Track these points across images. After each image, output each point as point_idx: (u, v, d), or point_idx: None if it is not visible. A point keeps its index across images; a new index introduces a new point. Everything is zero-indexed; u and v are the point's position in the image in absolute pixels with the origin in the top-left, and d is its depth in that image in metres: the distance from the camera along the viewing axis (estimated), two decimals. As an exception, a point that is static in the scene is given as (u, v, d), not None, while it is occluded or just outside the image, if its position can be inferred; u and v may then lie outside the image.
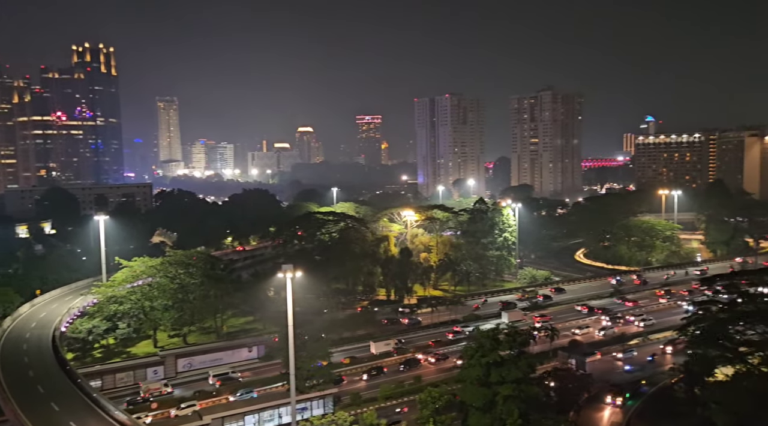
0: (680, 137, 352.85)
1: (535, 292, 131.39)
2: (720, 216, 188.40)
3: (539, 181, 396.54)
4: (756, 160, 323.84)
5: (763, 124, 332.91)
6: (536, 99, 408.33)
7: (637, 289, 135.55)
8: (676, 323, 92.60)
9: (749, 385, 56.26)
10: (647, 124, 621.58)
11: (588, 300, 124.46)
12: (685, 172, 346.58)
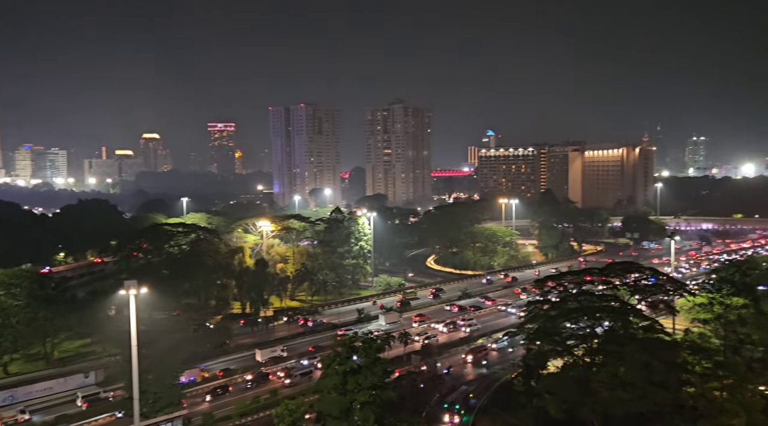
0: (516, 151, 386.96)
1: (415, 293, 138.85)
2: (550, 222, 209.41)
3: (392, 191, 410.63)
4: (578, 172, 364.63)
5: (583, 140, 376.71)
6: (389, 111, 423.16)
7: (505, 287, 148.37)
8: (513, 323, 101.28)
9: (575, 375, 62.81)
10: (488, 138, 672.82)
11: (457, 300, 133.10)
12: (521, 182, 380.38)
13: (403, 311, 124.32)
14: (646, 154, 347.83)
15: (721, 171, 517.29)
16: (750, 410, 52.32)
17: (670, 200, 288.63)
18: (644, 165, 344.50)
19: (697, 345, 67.91)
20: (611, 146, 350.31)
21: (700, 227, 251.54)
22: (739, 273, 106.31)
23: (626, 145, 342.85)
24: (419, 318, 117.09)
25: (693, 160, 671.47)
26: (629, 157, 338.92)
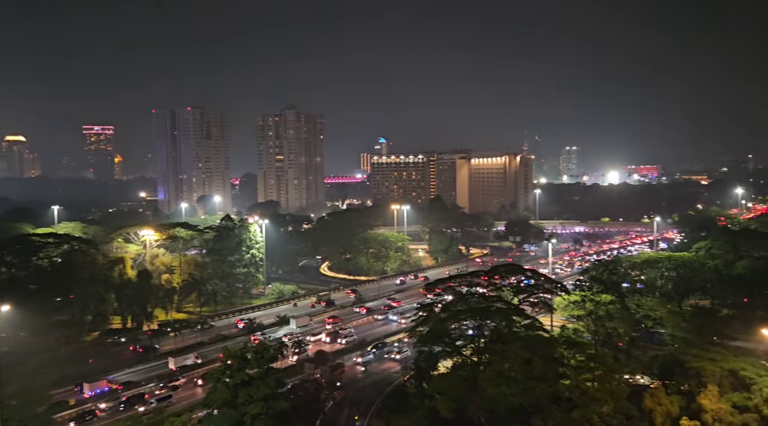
0: (407, 158, 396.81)
1: (329, 295, 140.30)
2: (439, 227, 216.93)
3: (285, 197, 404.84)
4: (465, 179, 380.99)
5: (469, 148, 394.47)
6: (281, 117, 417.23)
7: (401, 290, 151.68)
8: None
9: (464, 374, 65.34)
10: (380, 145, 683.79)
11: (369, 301, 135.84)
12: (412, 188, 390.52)
13: (314, 314, 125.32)
14: (526, 162, 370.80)
15: (591, 178, 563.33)
16: (617, 398, 57.16)
17: (547, 205, 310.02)
18: (524, 172, 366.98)
19: (572, 340, 73.12)
20: (495, 154, 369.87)
21: (573, 230, 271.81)
22: (607, 272, 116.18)
23: (508, 154, 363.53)
24: (332, 320, 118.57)
25: (567, 168, 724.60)
26: (511, 165, 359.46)
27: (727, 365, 69.35)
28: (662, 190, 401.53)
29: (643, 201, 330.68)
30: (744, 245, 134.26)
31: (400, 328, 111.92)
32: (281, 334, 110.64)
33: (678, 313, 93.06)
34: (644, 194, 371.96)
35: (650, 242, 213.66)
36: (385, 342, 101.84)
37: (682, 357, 75.30)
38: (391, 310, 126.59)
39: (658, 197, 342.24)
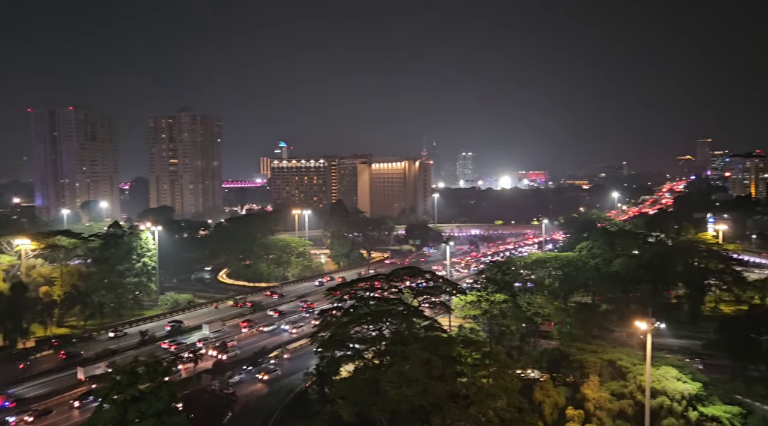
0: (309, 162, 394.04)
1: (245, 298, 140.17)
2: (341, 232, 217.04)
3: (180, 203, 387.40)
4: (366, 183, 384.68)
5: (370, 153, 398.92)
6: (175, 119, 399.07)
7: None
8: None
9: (366, 377, 65.81)
10: (281, 149, 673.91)
11: (281, 304, 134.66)
12: (314, 193, 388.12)
13: (227, 318, 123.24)
14: (425, 168, 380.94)
15: (485, 183, 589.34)
16: (510, 392, 60.05)
17: (445, 209, 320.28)
18: (423, 177, 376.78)
19: (469, 339, 75.97)
20: (395, 159, 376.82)
21: (470, 233, 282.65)
22: (500, 272, 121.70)
23: (408, 159, 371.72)
24: (247, 323, 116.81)
25: (463, 173, 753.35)
26: (411, 170, 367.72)
27: (606, 356, 75.05)
28: (549, 194, 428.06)
29: (532, 204, 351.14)
30: (620, 245, 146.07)
31: (291, 338, 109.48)
32: (195, 339, 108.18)
33: (564, 310, 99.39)
34: (533, 198, 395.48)
35: (539, 243, 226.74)
36: (262, 360, 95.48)
37: (568, 350, 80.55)
38: (281, 319, 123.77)
39: (545, 201, 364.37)
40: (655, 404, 65.34)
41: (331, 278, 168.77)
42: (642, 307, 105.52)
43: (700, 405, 66.36)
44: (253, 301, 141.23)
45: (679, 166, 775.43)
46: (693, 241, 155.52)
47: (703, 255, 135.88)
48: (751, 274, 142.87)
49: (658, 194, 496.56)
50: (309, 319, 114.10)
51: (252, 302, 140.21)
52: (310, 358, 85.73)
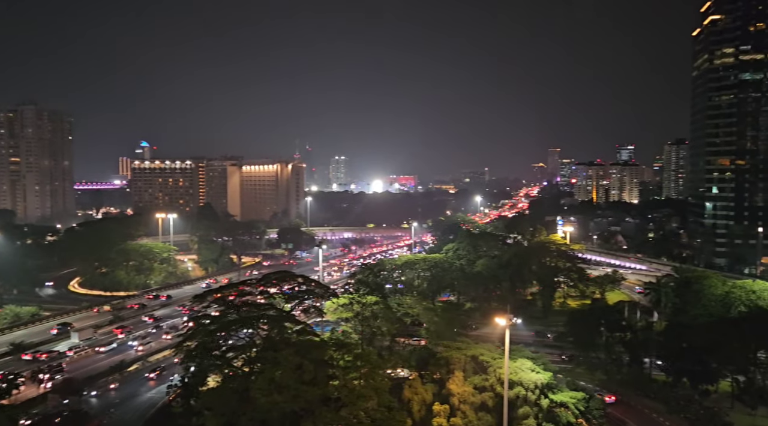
0: (174, 163, 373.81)
1: (124, 303, 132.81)
2: (209, 236, 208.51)
3: (23, 206, 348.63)
4: (237, 186, 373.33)
5: (241, 155, 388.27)
6: (17, 113, 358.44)
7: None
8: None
9: (235, 386, 63.55)
10: (143, 149, 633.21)
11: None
12: (180, 196, 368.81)
13: (100, 325, 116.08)
14: (297, 171, 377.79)
15: (358, 187, 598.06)
16: (380, 392, 61.18)
17: (318, 212, 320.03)
18: (296, 180, 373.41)
19: (341, 341, 76.27)
20: (267, 162, 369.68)
21: (342, 236, 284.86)
22: (372, 275, 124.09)
23: (280, 162, 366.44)
24: (121, 330, 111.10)
25: (336, 177, 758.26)
26: (283, 173, 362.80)
27: (470, 352, 79.26)
28: (418, 198, 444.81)
29: (403, 208, 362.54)
30: (482, 246, 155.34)
31: (137, 356, 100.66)
32: (63, 348, 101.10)
33: (432, 309, 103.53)
34: (404, 202, 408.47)
35: (409, 246, 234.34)
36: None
37: (435, 348, 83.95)
38: (130, 335, 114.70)
39: (415, 204, 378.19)
40: (512, 394, 70.16)
41: (216, 281, 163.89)
42: (502, 304, 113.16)
43: (551, 393, 72.36)
44: (141, 303, 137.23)
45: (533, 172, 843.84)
46: (545, 242, 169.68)
47: (553, 255, 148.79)
48: (593, 271, 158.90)
49: (515, 198, 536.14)
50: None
51: (139, 304, 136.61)
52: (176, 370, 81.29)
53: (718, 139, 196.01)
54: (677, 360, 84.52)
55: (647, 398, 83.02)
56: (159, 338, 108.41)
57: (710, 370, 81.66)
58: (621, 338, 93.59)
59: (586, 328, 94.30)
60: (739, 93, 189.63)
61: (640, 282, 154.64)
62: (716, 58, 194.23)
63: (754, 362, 78.21)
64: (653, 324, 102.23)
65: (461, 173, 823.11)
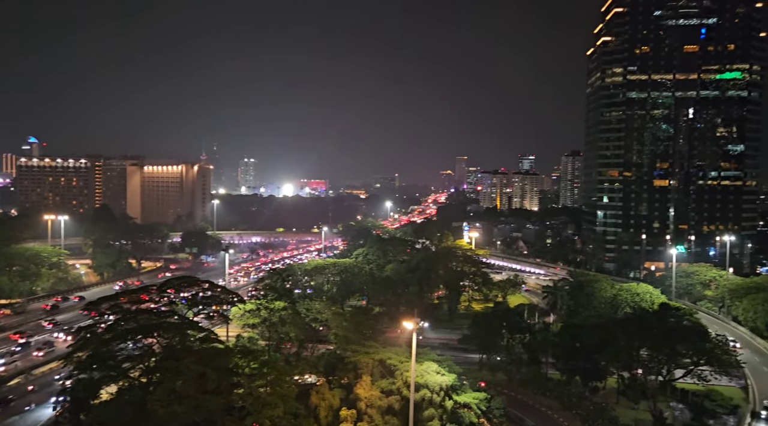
0: (66, 162, 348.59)
1: (24, 305, 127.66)
2: (106, 240, 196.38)
3: None
4: (137, 187, 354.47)
5: (142, 155, 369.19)
6: None
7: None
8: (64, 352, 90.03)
9: (131, 398, 60.18)
10: (30, 145, 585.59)
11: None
12: (73, 196, 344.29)
13: None
14: (204, 172, 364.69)
15: (267, 190, 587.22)
16: (286, 399, 60.19)
17: (225, 215, 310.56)
18: (202, 182, 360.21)
19: (247, 348, 74.49)
20: (171, 162, 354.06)
21: (251, 240, 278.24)
22: (280, 280, 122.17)
23: (186, 163, 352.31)
24: (18, 336, 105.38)
25: (245, 179, 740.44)
26: (188, 174, 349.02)
27: (378, 356, 79.83)
28: (329, 202, 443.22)
29: (313, 212, 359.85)
30: (392, 251, 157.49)
31: (18, 369, 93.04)
32: None
33: (341, 314, 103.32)
34: (315, 206, 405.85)
35: (319, 250, 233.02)
36: None
37: (344, 353, 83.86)
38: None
39: (326, 209, 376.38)
40: (418, 397, 71.41)
41: (125, 283, 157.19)
42: (409, 308, 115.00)
43: (455, 394, 74.40)
44: (53, 304, 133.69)
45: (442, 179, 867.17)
46: (452, 247, 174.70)
47: (459, 259, 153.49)
48: (496, 275, 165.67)
49: (424, 204, 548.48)
50: None
51: (82, 299, 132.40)
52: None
53: (609, 151, 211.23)
54: (570, 359, 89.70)
55: (544, 396, 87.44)
56: (33, 354, 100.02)
57: (599, 368, 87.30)
58: (521, 339, 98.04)
59: (488, 330, 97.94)
60: (626, 110, 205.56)
61: (539, 285, 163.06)
62: (607, 77, 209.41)
63: (637, 360, 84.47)
64: (550, 325, 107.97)
65: (372, 179, 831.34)
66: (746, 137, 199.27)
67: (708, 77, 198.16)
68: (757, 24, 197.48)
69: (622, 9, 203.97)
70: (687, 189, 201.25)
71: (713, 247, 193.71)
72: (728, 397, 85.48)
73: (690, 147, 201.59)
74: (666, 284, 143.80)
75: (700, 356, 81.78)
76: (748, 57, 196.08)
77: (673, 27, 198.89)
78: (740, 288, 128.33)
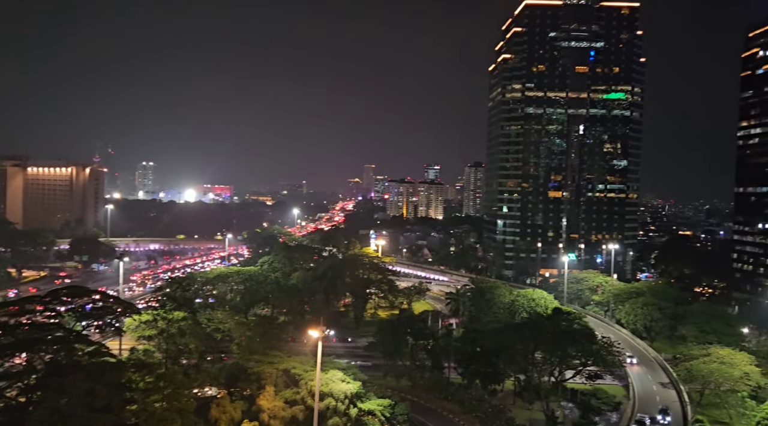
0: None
1: None
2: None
3: None
4: (19, 190, 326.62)
5: (24, 154, 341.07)
6: None
7: None
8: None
9: (7, 420, 55.09)
10: None
11: None
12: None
13: None
14: (97, 175, 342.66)
15: (168, 195, 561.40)
16: (184, 414, 57.65)
17: (121, 222, 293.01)
18: (95, 186, 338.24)
19: (142, 361, 70.44)
20: (59, 164, 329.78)
21: (148, 248, 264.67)
22: (180, 289, 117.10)
23: (76, 165, 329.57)
24: None
25: (143, 183, 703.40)
26: (79, 177, 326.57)
27: (282, 366, 78.51)
28: (234, 209, 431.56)
29: (217, 219, 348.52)
30: (298, 259, 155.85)
31: None
32: None
33: (244, 324, 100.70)
34: (218, 212, 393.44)
35: (223, 258, 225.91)
36: None
37: (246, 364, 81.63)
38: None
39: (230, 215, 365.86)
40: (323, 406, 70.90)
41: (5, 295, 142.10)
42: (316, 317, 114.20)
43: (359, 402, 74.60)
44: None
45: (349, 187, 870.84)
46: (359, 254, 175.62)
47: (366, 267, 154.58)
48: (402, 282, 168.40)
49: (332, 212, 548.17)
50: None
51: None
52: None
53: (508, 163, 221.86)
54: (471, 363, 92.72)
55: (446, 400, 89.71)
56: None
57: (498, 371, 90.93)
58: (425, 345, 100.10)
59: (394, 337, 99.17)
60: (525, 124, 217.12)
61: (442, 292, 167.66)
62: (507, 92, 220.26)
63: (532, 362, 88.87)
64: (452, 331, 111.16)
65: (279, 185, 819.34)
66: (629, 153, 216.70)
67: (596, 97, 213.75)
68: (638, 50, 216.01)
69: (521, 29, 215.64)
70: (578, 200, 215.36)
71: (600, 255, 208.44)
72: (612, 394, 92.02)
73: (581, 161, 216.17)
74: (559, 290, 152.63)
75: (588, 357, 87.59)
76: (630, 79, 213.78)
77: (566, 48, 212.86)
78: (623, 293, 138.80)
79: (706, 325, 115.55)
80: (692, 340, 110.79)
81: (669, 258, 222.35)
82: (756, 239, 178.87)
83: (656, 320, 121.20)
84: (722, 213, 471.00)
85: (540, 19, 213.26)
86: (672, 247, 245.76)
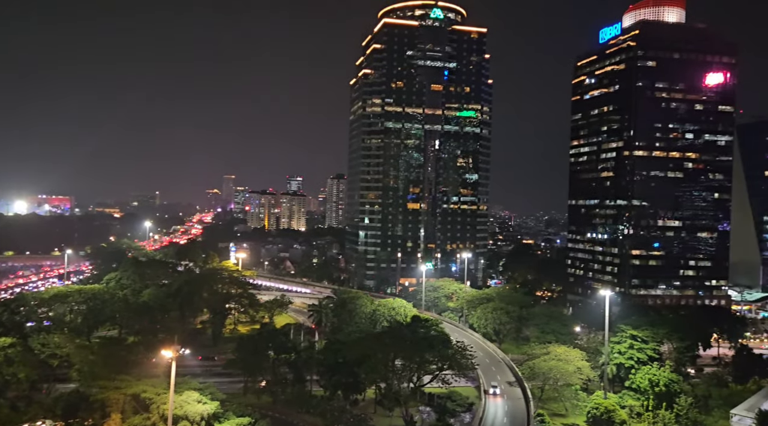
0: None
1: None
2: None
3: None
4: None
5: None
6: None
7: None
8: None
9: None
10: None
11: None
12: None
13: None
14: None
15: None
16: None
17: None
18: None
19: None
20: None
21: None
22: (8, 312, 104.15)
23: None
24: None
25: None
26: None
27: (131, 390, 72.73)
28: (75, 221, 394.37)
29: (55, 233, 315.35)
30: (150, 274, 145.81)
31: None
32: None
33: (86, 347, 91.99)
34: (57, 226, 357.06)
35: (61, 276, 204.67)
36: None
37: (89, 391, 74.46)
38: None
39: (71, 229, 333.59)
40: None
41: None
42: (169, 335, 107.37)
43: (217, 422, 71.24)
44: None
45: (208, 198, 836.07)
46: (217, 268, 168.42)
47: (225, 281, 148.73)
48: (263, 296, 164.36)
49: (188, 224, 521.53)
50: None
51: None
52: None
53: (369, 176, 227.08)
54: (333, 375, 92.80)
55: (308, 414, 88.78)
56: None
57: (359, 380, 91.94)
58: (286, 359, 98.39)
59: (254, 352, 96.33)
60: (384, 138, 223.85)
61: (305, 304, 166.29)
62: (368, 106, 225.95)
63: (392, 369, 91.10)
64: (315, 343, 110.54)
65: (129, 196, 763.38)
66: (479, 168, 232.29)
67: (450, 114, 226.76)
68: (486, 72, 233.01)
69: (380, 46, 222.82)
70: (434, 212, 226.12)
71: (455, 263, 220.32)
72: (465, 396, 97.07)
73: (437, 174, 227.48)
74: (417, 298, 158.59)
75: (443, 362, 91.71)
76: (480, 99, 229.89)
77: (422, 67, 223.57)
78: (475, 299, 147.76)
79: (546, 326, 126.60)
80: (534, 340, 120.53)
81: (515, 265, 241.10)
82: (585, 247, 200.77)
83: (504, 323, 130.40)
84: (559, 223, 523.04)
85: (398, 38, 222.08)
86: (517, 255, 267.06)
